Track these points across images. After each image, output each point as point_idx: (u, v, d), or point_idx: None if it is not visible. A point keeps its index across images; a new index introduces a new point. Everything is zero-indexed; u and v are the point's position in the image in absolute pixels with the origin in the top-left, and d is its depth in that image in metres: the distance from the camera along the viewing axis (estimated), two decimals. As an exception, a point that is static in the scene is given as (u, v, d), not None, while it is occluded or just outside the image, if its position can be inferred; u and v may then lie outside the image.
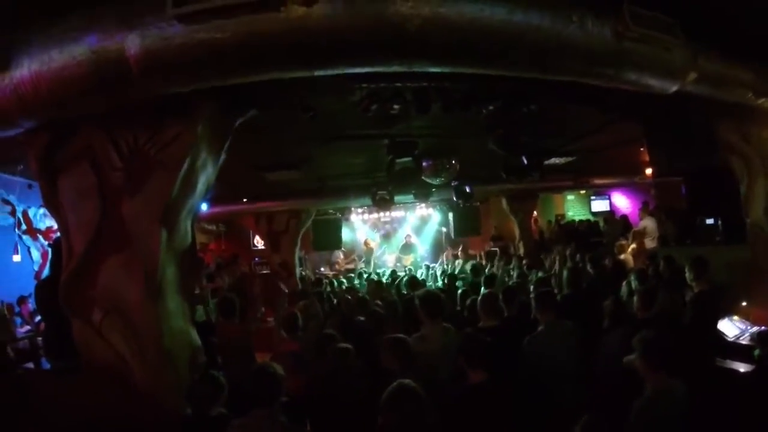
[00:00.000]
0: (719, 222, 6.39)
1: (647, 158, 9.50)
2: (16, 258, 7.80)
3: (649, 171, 9.95)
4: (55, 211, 3.27)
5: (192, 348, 3.47)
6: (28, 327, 6.70)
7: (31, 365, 5.17)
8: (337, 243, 13.54)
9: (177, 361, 3.21)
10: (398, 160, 7.29)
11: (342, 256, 15.61)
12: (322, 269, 14.37)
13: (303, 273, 12.18)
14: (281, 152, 7.57)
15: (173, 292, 3.38)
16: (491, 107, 5.29)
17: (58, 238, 3.50)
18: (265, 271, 12.08)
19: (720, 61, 4.03)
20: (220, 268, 10.34)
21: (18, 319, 6.88)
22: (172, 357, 3.16)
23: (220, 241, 14.57)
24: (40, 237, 8.27)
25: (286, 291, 8.94)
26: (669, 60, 3.65)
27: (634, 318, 4.07)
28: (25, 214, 8.13)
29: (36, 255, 8.17)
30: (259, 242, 14.02)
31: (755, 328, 4.55)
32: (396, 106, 4.85)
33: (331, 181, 10.04)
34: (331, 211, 12.96)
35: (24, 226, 8.13)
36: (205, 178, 3.65)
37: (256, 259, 13.17)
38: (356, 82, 4.45)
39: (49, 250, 5.03)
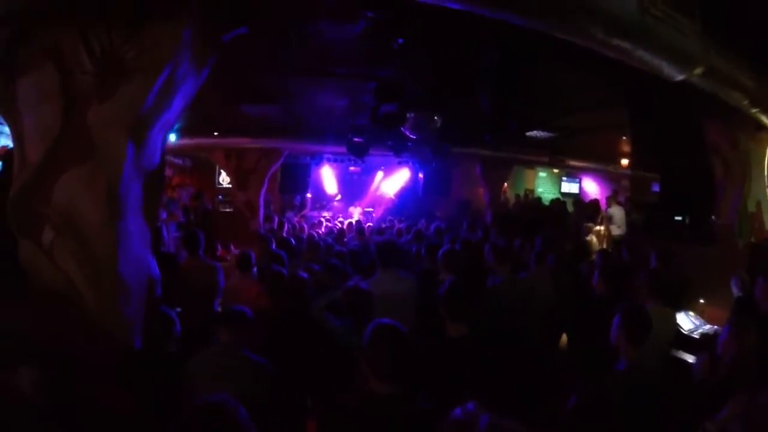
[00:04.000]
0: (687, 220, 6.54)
1: (625, 149, 9.62)
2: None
3: (625, 161, 10.08)
4: (9, 115, 2.83)
5: (150, 278, 3.23)
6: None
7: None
8: (303, 188, 13.57)
9: (133, 290, 2.96)
10: (383, 106, 7.02)
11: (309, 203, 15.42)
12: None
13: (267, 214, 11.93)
14: (261, 84, 7.15)
15: (136, 214, 3.09)
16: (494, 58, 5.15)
17: (9, 150, 3.11)
18: (228, 209, 11.73)
19: (728, 62, 3.99)
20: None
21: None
22: (128, 286, 2.90)
23: (184, 176, 13.98)
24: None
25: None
26: (683, 47, 3.55)
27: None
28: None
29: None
30: (224, 180, 13.53)
31: (708, 326, 4.75)
32: (401, 40, 4.58)
33: (308, 122, 9.67)
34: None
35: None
36: (183, 95, 3.28)
37: (220, 197, 12.76)
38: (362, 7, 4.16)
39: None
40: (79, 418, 2.28)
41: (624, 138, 8.67)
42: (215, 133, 10.15)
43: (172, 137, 9.45)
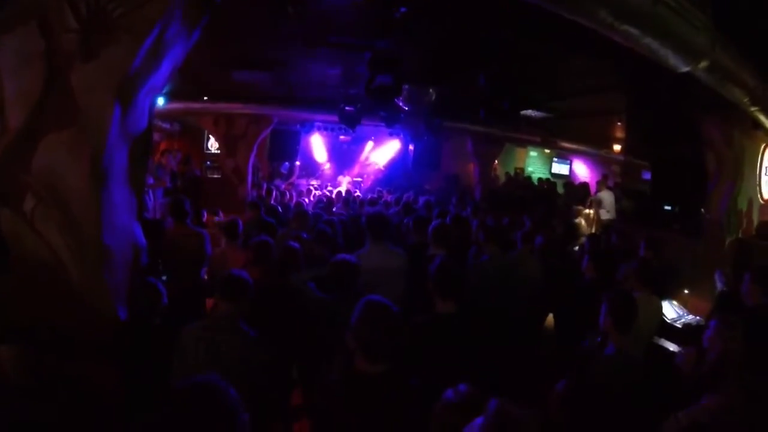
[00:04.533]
0: (677, 210, 6.59)
1: (618, 134, 9.59)
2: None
3: (617, 147, 10.06)
4: None
5: (135, 248, 3.14)
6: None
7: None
8: (293, 155, 13.62)
9: (118, 261, 2.86)
10: (378, 77, 6.82)
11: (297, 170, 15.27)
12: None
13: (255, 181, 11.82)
14: (254, 51, 6.91)
15: (121, 181, 2.97)
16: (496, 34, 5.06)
17: None
18: (216, 176, 11.54)
19: (733, 58, 3.95)
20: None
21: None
22: (113, 256, 2.80)
23: (172, 141, 13.66)
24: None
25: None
26: (692, 39, 3.48)
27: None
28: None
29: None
30: (212, 146, 13.26)
31: (690, 316, 4.84)
32: (403, 9, 4.44)
33: (300, 90, 9.44)
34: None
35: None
36: (172, 57, 3.11)
37: (208, 162, 12.52)
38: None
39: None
40: (64, 396, 2.20)
41: (618, 123, 8.62)
42: (204, 98, 9.86)
43: (160, 101, 9.18)
